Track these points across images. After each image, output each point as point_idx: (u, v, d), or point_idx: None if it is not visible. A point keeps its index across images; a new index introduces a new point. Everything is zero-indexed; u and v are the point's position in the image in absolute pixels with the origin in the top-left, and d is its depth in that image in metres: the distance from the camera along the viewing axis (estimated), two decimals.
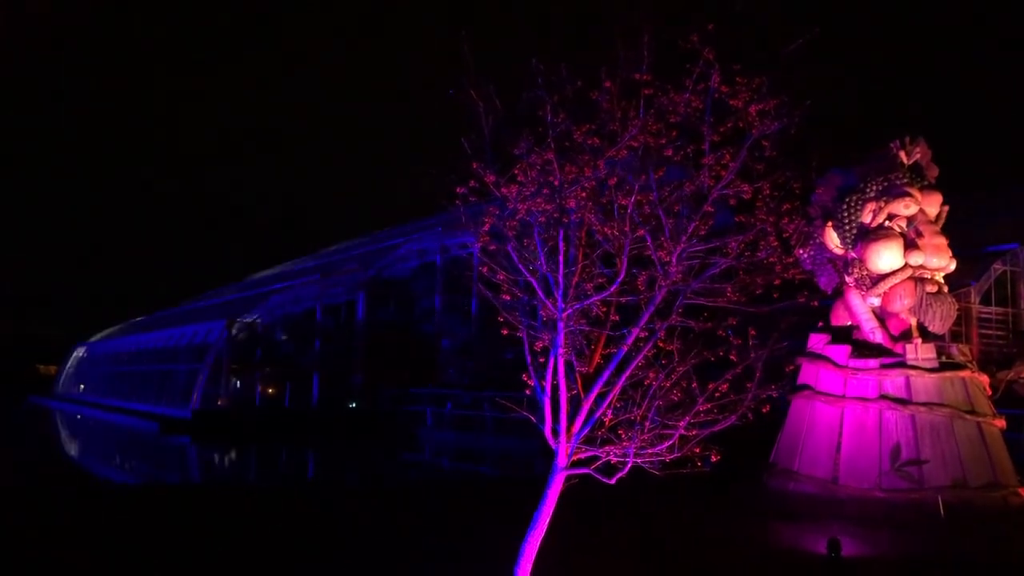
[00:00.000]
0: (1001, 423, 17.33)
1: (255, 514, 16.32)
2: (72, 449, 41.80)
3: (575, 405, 8.98)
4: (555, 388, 8.95)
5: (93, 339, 78.80)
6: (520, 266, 9.17)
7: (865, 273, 17.51)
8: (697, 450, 8.83)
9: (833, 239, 17.85)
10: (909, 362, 17.02)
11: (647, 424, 8.79)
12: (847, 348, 17.63)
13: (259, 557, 12.23)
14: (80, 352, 79.75)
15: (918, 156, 18.06)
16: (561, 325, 8.98)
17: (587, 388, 9.06)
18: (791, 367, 17.86)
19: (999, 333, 33.78)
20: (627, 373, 8.94)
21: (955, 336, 28.85)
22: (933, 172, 18.21)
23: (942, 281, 17.78)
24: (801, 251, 17.50)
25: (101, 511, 16.70)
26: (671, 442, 8.72)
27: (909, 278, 17.28)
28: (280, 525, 14.73)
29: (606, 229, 9.42)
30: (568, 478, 9.03)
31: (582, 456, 8.95)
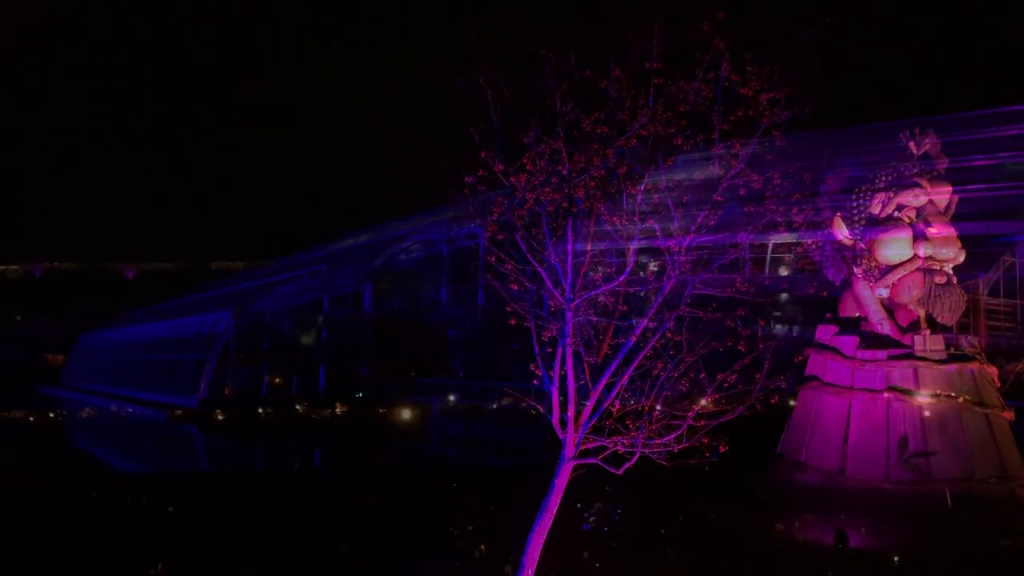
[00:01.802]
0: (1009, 415, 17.27)
1: (257, 510, 16.34)
2: (81, 438, 41.93)
3: (583, 395, 8.96)
4: (563, 378, 8.94)
5: (101, 329, 78.97)
6: (528, 256, 9.14)
7: (874, 264, 17.43)
8: (705, 441, 8.81)
9: (842, 229, 17.77)
10: (917, 353, 16.96)
11: (655, 414, 8.78)
12: (855, 339, 17.57)
13: (262, 554, 12.24)
14: (88, 342, 79.97)
15: (928, 147, 17.95)
16: (569, 315, 8.95)
17: (595, 378, 9.05)
18: (799, 358, 17.80)
19: (1007, 325, 33.62)
20: (635, 363, 8.92)
21: (963, 328, 28.67)
22: (943, 163, 18.08)
23: (951, 272, 17.69)
24: (810, 242, 17.45)
25: (107, 502, 16.75)
26: (679, 432, 8.71)
27: (918, 269, 17.19)
28: (283, 521, 14.74)
29: (615, 219, 9.38)
30: (575, 468, 9.02)
31: (590, 446, 8.95)
